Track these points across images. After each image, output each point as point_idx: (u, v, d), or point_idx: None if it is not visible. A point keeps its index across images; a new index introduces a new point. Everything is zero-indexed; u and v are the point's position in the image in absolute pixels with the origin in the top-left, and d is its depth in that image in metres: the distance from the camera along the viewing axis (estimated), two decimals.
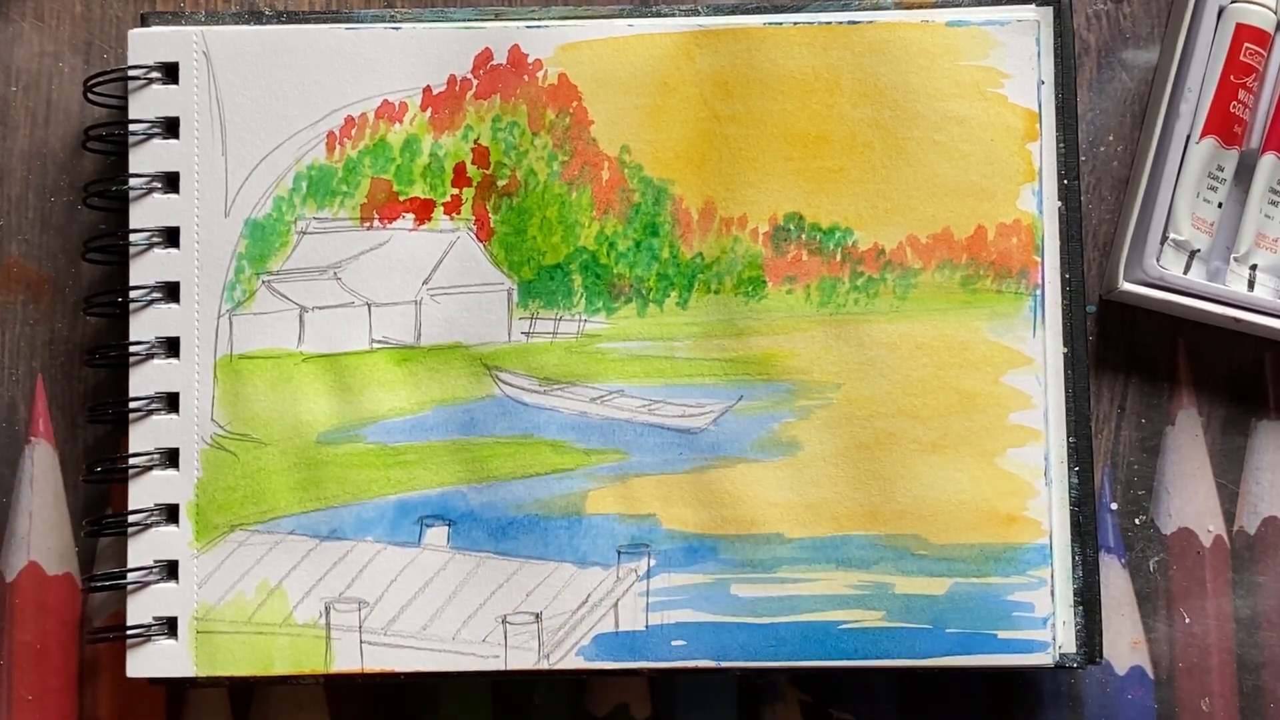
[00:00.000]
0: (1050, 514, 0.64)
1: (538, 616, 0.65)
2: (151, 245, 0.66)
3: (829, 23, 0.66)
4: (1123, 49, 0.70)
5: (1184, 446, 0.69)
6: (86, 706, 0.68)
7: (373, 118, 0.66)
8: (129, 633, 0.65)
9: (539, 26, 0.66)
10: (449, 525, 0.65)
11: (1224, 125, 0.67)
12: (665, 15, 0.67)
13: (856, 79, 0.66)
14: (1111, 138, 0.70)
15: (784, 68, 0.66)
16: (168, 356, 0.66)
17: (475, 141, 0.66)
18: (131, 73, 0.66)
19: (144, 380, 0.66)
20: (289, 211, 0.66)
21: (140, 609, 0.65)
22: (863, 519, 0.65)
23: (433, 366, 0.66)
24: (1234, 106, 0.67)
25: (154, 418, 0.66)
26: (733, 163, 0.66)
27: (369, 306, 0.66)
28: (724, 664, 0.64)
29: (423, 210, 0.66)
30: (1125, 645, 0.68)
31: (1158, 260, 0.67)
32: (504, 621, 0.65)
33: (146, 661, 0.65)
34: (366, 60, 0.66)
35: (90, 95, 0.67)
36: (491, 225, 0.66)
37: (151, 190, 0.66)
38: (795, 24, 0.66)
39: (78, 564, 0.69)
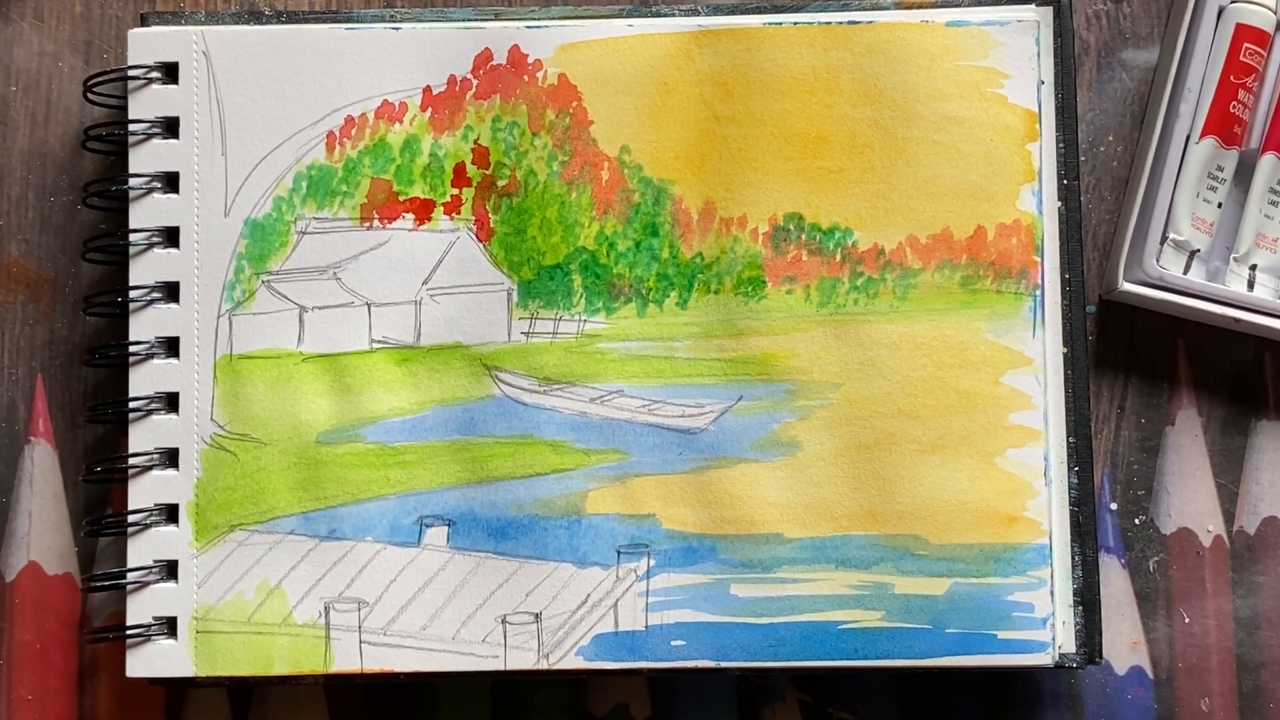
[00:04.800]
0: (1050, 514, 0.64)
1: (537, 616, 0.65)
2: (151, 245, 0.66)
3: (829, 23, 0.66)
4: (1122, 49, 0.70)
5: (1184, 446, 0.69)
6: (86, 706, 0.68)
7: (372, 118, 0.66)
8: (129, 633, 0.65)
9: (539, 27, 0.66)
10: (449, 525, 0.65)
11: (1224, 125, 0.67)
12: (665, 15, 0.67)
13: (856, 79, 0.66)
14: (1111, 138, 0.70)
15: (784, 68, 0.66)
16: (167, 356, 0.66)
17: (475, 142, 0.66)
18: (131, 73, 0.66)
19: (144, 380, 0.66)
20: (289, 211, 0.66)
21: (140, 609, 0.65)
22: (862, 519, 0.65)
23: (432, 366, 0.66)
24: (1234, 106, 0.67)
25: (154, 418, 0.66)
26: (733, 163, 0.66)
27: (369, 306, 0.66)
28: (724, 664, 0.64)
29: (422, 210, 0.66)
30: (1125, 645, 0.68)
31: (1157, 260, 0.67)
32: (503, 621, 0.65)
33: (146, 661, 0.65)
34: (366, 60, 0.66)
35: (90, 95, 0.67)
36: (491, 225, 0.66)
37: (151, 190, 0.66)
38: (795, 24, 0.66)
39: (77, 564, 0.69)
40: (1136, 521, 0.69)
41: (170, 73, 0.67)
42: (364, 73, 0.66)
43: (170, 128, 0.67)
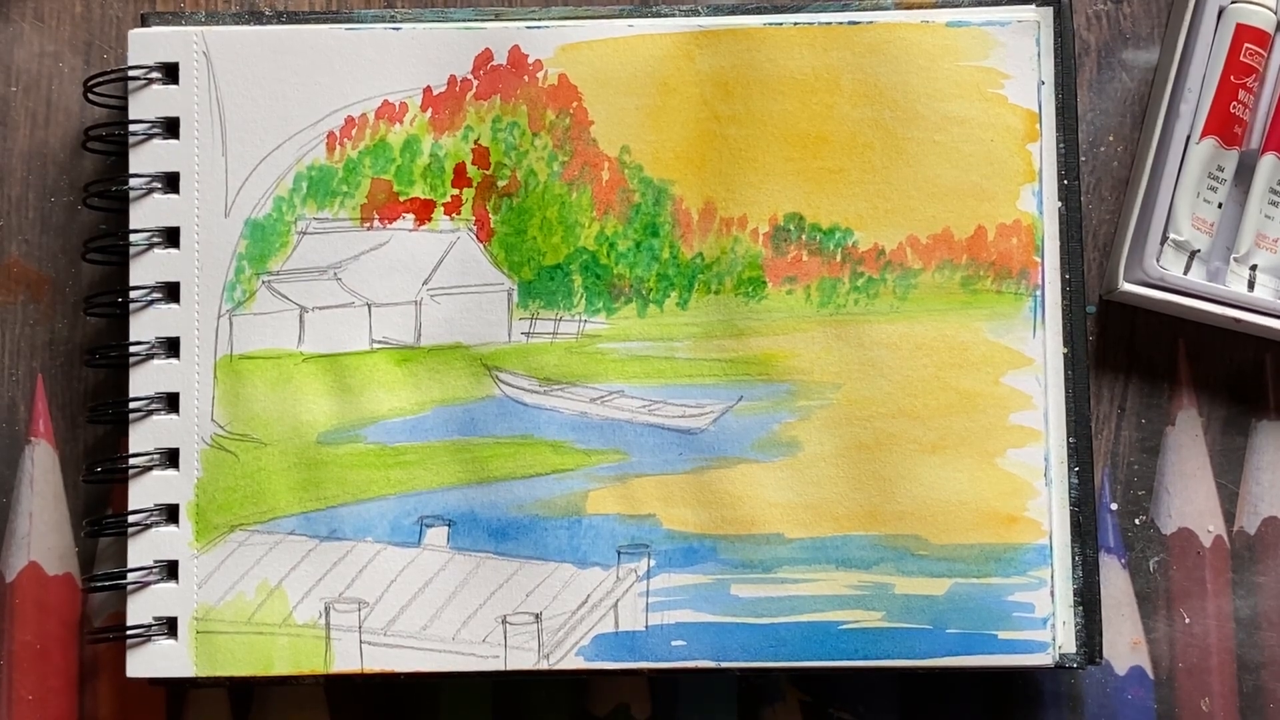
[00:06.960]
0: (1050, 514, 0.64)
1: (538, 617, 0.65)
2: (151, 245, 0.66)
3: (829, 23, 0.66)
4: (1123, 49, 0.70)
5: (1184, 447, 0.69)
6: (86, 706, 0.68)
7: (373, 118, 0.66)
8: (129, 633, 0.65)
9: (539, 27, 0.66)
10: (449, 525, 0.65)
11: (1224, 125, 0.67)
12: (665, 15, 0.67)
13: (856, 79, 0.66)
14: (1111, 138, 0.70)
15: (784, 68, 0.66)
16: (168, 357, 0.66)
17: (475, 142, 0.66)
18: (131, 73, 0.66)
19: (144, 380, 0.66)
20: (289, 212, 0.66)
21: (140, 609, 0.65)
22: (863, 519, 0.65)
23: (433, 367, 0.66)
24: (1234, 107, 0.67)
25: (154, 418, 0.66)
26: (733, 163, 0.66)
27: (369, 307, 0.66)
28: (724, 664, 0.64)
29: (423, 211, 0.66)
30: (1125, 645, 0.68)
31: (1158, 260, 0.67)
32: (504, 622, 0.65)
33: (146, 662, 0.65)
34: (367, 60, 0.66)
35: (90, 95, 0.67)
36: (492, 225, 0.66)
37: (151, 190, 0.66)
38: (795, 24, 0.66)
39: (78, 564, 0.69)
40: (1137, 522, 0.69)
41: (170, 73, 0.67)
42: (364, 73, 0.66)
43: (170, 128, 0.67)
